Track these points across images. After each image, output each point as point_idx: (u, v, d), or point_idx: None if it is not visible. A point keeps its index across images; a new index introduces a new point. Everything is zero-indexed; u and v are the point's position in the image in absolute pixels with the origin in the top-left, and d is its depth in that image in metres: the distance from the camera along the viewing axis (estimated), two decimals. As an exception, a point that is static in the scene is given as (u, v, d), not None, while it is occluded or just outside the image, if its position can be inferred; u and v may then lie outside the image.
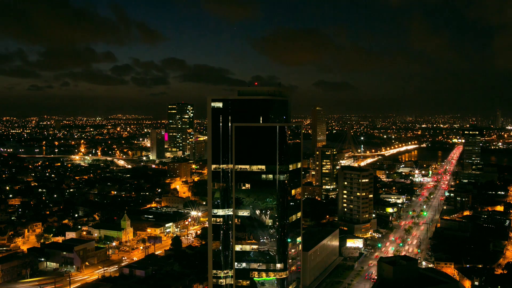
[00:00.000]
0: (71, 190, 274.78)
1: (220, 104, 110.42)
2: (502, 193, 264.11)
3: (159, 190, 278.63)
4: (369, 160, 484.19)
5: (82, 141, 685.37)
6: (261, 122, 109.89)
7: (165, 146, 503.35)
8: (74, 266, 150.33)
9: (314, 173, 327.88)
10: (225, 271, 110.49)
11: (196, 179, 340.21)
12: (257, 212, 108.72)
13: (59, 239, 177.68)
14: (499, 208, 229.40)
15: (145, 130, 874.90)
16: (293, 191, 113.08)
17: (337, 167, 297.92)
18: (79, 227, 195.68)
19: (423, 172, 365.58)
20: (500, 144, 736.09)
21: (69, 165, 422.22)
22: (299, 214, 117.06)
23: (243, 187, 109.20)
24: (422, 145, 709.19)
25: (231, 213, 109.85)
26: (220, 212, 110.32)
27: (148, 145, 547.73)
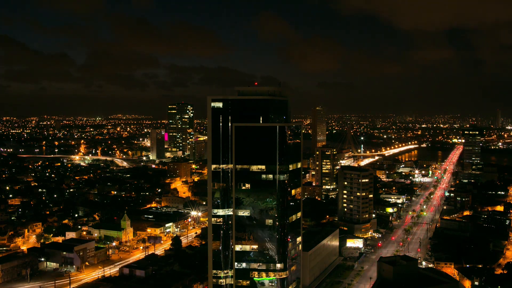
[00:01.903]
0: (71, 190, 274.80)
1: (220, 104, 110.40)
2: (502, 193, 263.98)
3: (159, 190, 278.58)
4: (369, 160, 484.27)
5: (82, 141, 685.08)
6: (261, 122, 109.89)
7: (165, 146, 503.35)
8: (74, 266, 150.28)
9: (314, 173, 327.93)
10: (225, 271, 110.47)
11: (196, 179, 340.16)
12: (257, 212, 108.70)
13: (59, 239, 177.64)
14: (499, 208, 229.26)
15: (145, 130, 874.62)
16: (293, 191, 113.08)
17: (337, 167, 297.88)
18: (79, 227, 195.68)
19: (423, 172, 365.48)
20: (500, 144, 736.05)
21: (69, 165, 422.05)
22: (299, 214, 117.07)
23: (243, 187, 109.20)
24: (422, 145, 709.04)
25: (231, 213, 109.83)
26: (220, 212, 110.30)
27: (148, 145, 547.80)
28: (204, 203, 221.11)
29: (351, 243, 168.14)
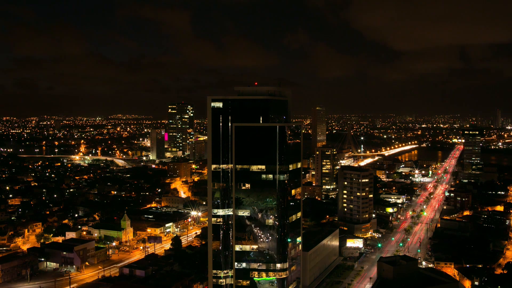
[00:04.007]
0: (71, 190, 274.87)
1: (220, 104, 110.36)
2: (502, 193, 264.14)
3: (159, 190, 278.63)
4: (369, 160, 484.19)
5: (82, 141, 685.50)
6: (261, 122, 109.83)
7: (165, 146, 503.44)
8: (74, 266, 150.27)
9: (314, 173, 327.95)
10: (225, 271, 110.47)
11: (196, 179, 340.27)
12: (257, 212, 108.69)
13: (59, 239, 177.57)
14: (499, 208, 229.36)
15: (145, 130, 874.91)
16: (293, 191, 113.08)
17: (337, 167, 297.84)
18: (79, 227, 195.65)
19: (423, 172, 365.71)
20: (500, 144, 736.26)
21: (69, 165, 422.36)
22: (299, 214, 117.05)
23: (243, 187, 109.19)
24: (422, 145, 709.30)
25: (231, 213, 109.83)
26: (220, 212, 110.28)
27: (148, 145, 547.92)
28: (204, 203, 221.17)
29: (351, 243, 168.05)
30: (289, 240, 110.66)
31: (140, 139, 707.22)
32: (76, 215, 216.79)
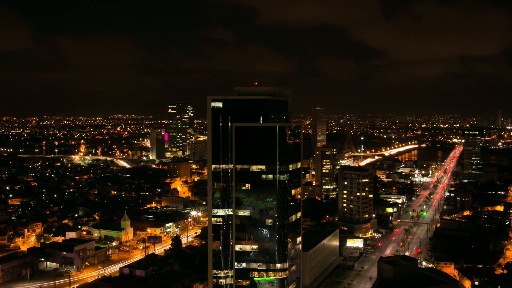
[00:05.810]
0: (71, 190, 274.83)
1: (220, 104, 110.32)
2: (502, 193, 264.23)
3: (159, 190, 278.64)
4: (369, 160, 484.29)
5: (82, 141, 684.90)
6: (261, 122, 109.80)
7: (165, 146, 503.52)
8: (74, 266, 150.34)
9: (314, 173, 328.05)
10: (225, 271, 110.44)
11: (196, 179, 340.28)
12: (257, 212, 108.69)
13: (59, 239, 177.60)
14: (499, 208, 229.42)
15: (145, 130, 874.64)
16: (293, 191, 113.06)
17: (337, 167, 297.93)
18: (79, 227, 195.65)
19: (423, 172, 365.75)
20: (500, 144, 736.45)
21: (69, 165, 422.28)
22: (299, 214, 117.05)
23: (243, 187, 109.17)
24: (422, 145, 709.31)
25: (231, 213, 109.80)
26: (220, 212, 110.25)
27: (148, 145, 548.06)
28: (204, 203, 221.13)
29: (351, 243, 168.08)
30: (289, 240, 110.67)
31: (140, 139, 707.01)
32: (76, 215, 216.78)
